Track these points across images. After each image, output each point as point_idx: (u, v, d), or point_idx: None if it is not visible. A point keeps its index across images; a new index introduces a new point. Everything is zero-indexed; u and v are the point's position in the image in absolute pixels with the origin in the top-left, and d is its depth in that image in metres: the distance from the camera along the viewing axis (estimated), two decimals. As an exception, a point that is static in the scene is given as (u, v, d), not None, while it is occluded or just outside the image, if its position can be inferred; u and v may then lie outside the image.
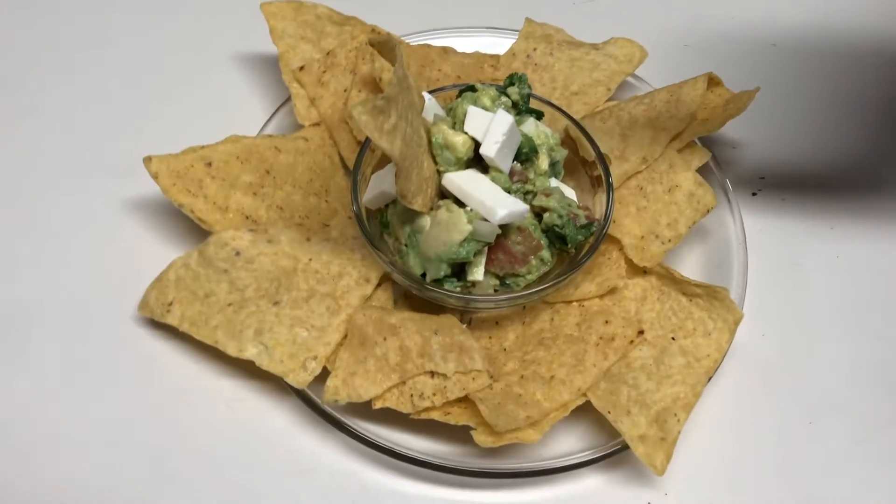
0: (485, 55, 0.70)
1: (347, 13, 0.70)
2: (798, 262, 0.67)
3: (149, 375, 0.59)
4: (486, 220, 0.54)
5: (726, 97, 0.66)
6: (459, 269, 0.57)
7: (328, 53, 0.67)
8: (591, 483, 0.57)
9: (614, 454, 0.56)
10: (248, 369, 0.58)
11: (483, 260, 0.56)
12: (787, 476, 0.58)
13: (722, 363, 0.60)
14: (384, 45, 0.54)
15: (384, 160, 0.62)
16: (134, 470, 0.56)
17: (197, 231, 0.63)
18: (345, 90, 0.66)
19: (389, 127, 0.48)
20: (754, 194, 0.70)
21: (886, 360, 0.62)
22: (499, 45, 0.72)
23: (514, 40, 0.71)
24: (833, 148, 0.73)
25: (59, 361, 0.60)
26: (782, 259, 0.67)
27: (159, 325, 0.60)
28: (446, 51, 0.69)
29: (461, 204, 0.56)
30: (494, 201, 0.54)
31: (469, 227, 0.54)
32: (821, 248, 0.68)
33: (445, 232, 0.54)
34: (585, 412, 0.57)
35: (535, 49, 0.70)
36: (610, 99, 0.69)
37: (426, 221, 0.56)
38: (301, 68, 0.67)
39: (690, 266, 0.64)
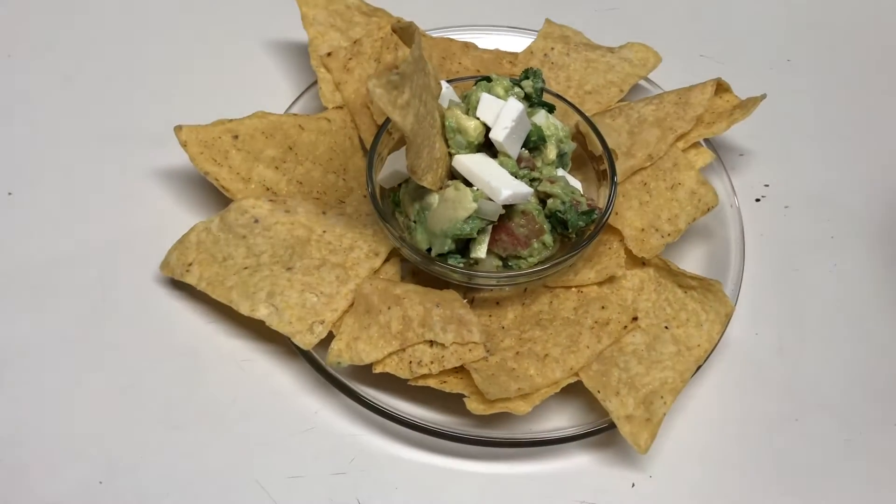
0: (504, 52, 0.74)
1: (376, 5, 0.73)
2: (796, 267, 0.69)
3: (165, 332, 0.63)
4: (490, 199, 0.57)
5: (734, 103, 0.69)
6: (464, 247, 0.60)
7: (355, 42, 0.71)
8: (579, 461, 0.59)
9: (601, 431, 0.58)
10: (258, 331, 0.62)
11: (486, 238, 0.59)
12: (769, 469, 0.59)
13: (714, 358, 0.62)
14: (405, 31, 0.58)
15: (401, 143, 0.65)
16: (145, 419, 0.59)
17: (220, 200, 0.66)
18: (368, 77, 0.70)
19: (403, 102, 0.51)
20: (758, 200, 0.72)
21: (875, 365, 0.64)
22: (519, 43, 0.75)
23: (533, 40, 0.74)
24: (839, 162, 0.75)
25: (80, 314, 0.63)
26: (781, 264, 0.69)
27: (178, 287, 0.64)
28: (467, 46, 0.73)
29: (469, 185, 0.59)
30: (500, 182, 0.57)
31: (474, 205, 0.57)
32: (819, 257, 0.69)
33: (452, 209, 0.57)
34: (576, 394, 0.60)
35: (552, 48, 0.73)
36: (622, 100, 0.72)
37: (435, 199, 0.59)
38: (328, 54, 0.70)
39: (691, 263, 0.66)
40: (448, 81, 0.64)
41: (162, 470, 0.57)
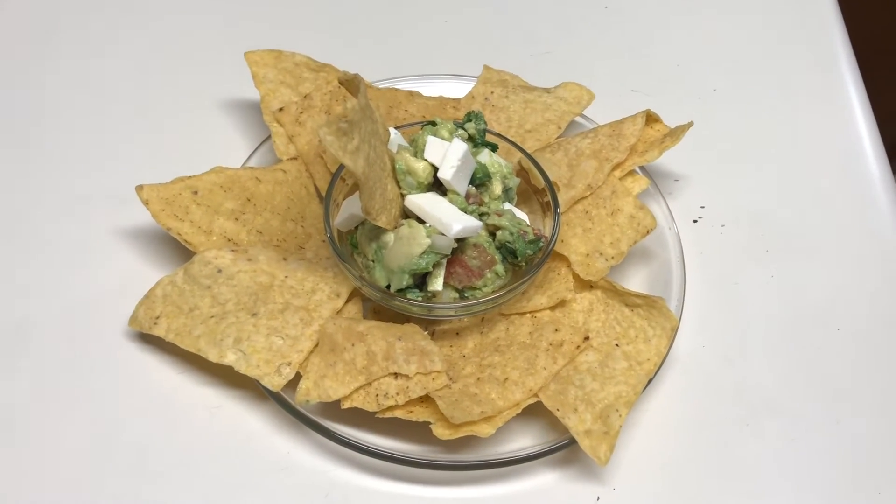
0: (447, 98, 0.78)
1: (323, 61, 0.77)
2: (736, 281, 0.73)
3: (136, 384, 0.64)
4: (443, 234, 0.60)
5: (664, 132, 0.74)
6: (421, 282, 0.63)
7: (305, 97, 0.74)
8: (544, 479, 0.62)
9: (562, 448, 0.61)
10: (227, 378, 0.64)
11: (442, 272, 0.62)
12: (725, 472, 0.63)
13: (665, 371, 0.65)
14: (351, 83, 0.61)
15: (355, 188, 0.68)
16: (120, 468, 0.61)
17: (182, 255, 0.69)
18: (319, 126, 0.73)
19: (353, 148, 0.55)
20: (695, 221, 0.77)
21: (815, 367, 0.68)
22: (460, 89, 0.79)
23: (474, 85, 0.78)
24: (768, 180, 0.80)
25: (52, 372, 0.65)
26: (721, 279, 0.73)
27: (146, 340, 0.66)
28: (412, 94, 0.77)
29: (422, 222, 0.62)
30: (450, 218, 0.60)
31: (428, 241, 0.60)
32: (756, 270, 0.74)
33: (407, 245, 0.60)
34: (537, 415, 0.62)
35: (492, 92, 0.77)
36: (560, 136, 0.76)
37: (390, 238, 0.62)
38: (280, 110, 0.73)
39: (635, 283, 0.70)
40: (396, 128, 0.67)
41: (140, 519, 0.59)
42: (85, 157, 0.78)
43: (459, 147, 0.62)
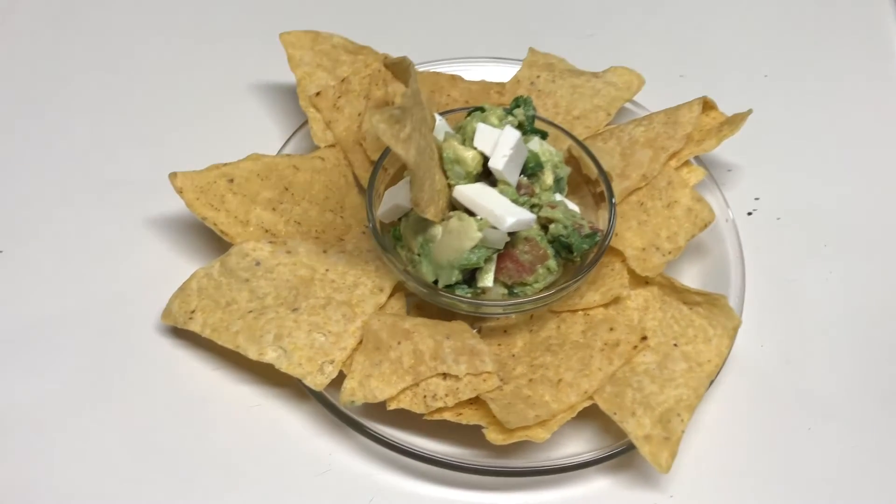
0: (491, 83, 0.74)
1: (360, 43, 0.74)
2: (794, 278, 0.70)
3: (170, 383, 0.61)
4: (495, 227, 0.57)
5: (721, 120, 0.70)
6: (470, 277, 0.60)
7: (343, 80, 0.71)
8: (598, 485, 0.59)
9: (620, 454, 0.58)
10: (265, 376, 0.61)
11: (493, 267, 0.59)
12: (786, 479, 0.60)
13: (723, 372, 0.62)
14: (398, 66, 0.58)
15: (396, 178, 0.65)
16: (155, 473, 0.58)
17: (216, 246, 0.66)
18: (359, 114, 0.70)
19: (405, 136, 0.51)
20: (750, 214, 0.73)
21: (879, 369, 0.65)
22: (504, 73, 0.75)
23: (518, 69, 0.75)
24: (825, 170, 0.76)
25: (84, 370, 0.62)
26: (778, 275, 0.70)
27: (180, 335, 0.63)
28: (454, 78, 0.73)
29: (471, 214, 0.59)
30: (503, 210, 0.57)
31: (479, 235, 0.57)
32: (815, 266, 0.70)
33: (457, 239, 0.57)
34: (591, 418, 0.59)
35: (538, 76, 0.73)
36: (609, 124, 0.72)
37: (438, 231, 0.59)
38: (317, 94, 0.70)
39: (690, 281, 0.67)
40: (440, 114, 0.64)
41: (177, 525, 0.56)
42: (114, 143, 0.74)
43: (512, 135, 0.59)
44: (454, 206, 0.60)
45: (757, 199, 0.74)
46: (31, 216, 0.70)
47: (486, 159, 0.60)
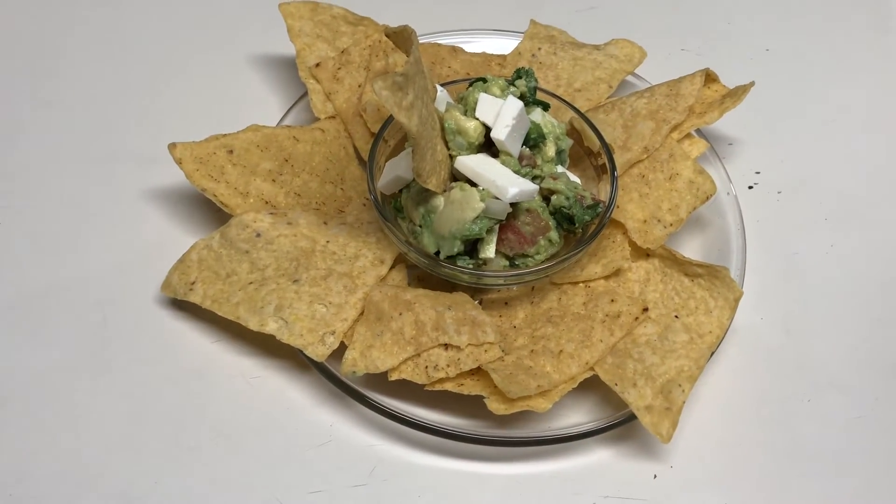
0: (492, 55, 0.74)
1: (361, 14, 0.73)
2: (794, 251, 0.70)
3: (170, 354, 0.61)
4: (497, 198, 0.57)
5: (723, 92, 0.70)
6: (472, 249, 0.60)
7: (343, 51, 0.70)
8: (599, 456, 0.59)
9: (621, 424, 0.58)
10: (265, 347, 0.61)
11: (494, 238, 0.59)
12: (787, 450, 0.60)
13: (723, 344, 0.62)
14: (400, 35, 0.57)
15: (397, 150, 0.64)
16: (156, 443, 0.58)
17: (215, 218, 0.65)
18: (359, 86, 0.69)
19: (408, 104, 0.51)
20: (751, 187, 0.73)
21: (879, 341, 0.65)
22: (504, 46, 0.75)
23: (520, 41, 0.74)
24: (825, 144, 0.76)
25: (84, 340, 0.62)
26: (779, 248, 0.70)
27: (180, 307, 0.63)
28: (455, 50, 0.73)
29: (473, 185, 0.58)
30: (506, 180, 0.57)
31: (482, 205, 0.56)
32: (815, 239, 0.70)
33: (459, 210, 0.57)
34: (592, 389, 0.59)
35: (539, 48, 0.73)
36: (610, 96, 0.72)
37: (440, 201, 0.58)
38: (317, 65, 0.70)
39: (691, 254, 0.66)
40: (442, 85, 0.64)
41: (178, 494, 0.56)
42: (112, 114, 0.74)
43: (514, 105, 0.59)
44: (455, 177, 0.60)
45: (758, 172, 0.74)
46: (31, 188, 0.69)
47: (487, 130, 0.60)
